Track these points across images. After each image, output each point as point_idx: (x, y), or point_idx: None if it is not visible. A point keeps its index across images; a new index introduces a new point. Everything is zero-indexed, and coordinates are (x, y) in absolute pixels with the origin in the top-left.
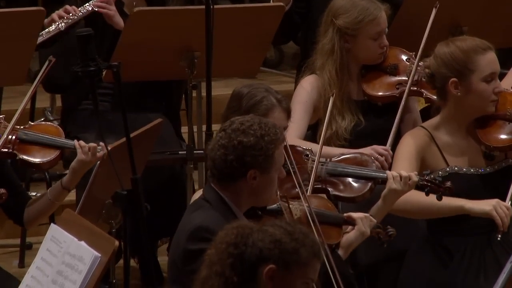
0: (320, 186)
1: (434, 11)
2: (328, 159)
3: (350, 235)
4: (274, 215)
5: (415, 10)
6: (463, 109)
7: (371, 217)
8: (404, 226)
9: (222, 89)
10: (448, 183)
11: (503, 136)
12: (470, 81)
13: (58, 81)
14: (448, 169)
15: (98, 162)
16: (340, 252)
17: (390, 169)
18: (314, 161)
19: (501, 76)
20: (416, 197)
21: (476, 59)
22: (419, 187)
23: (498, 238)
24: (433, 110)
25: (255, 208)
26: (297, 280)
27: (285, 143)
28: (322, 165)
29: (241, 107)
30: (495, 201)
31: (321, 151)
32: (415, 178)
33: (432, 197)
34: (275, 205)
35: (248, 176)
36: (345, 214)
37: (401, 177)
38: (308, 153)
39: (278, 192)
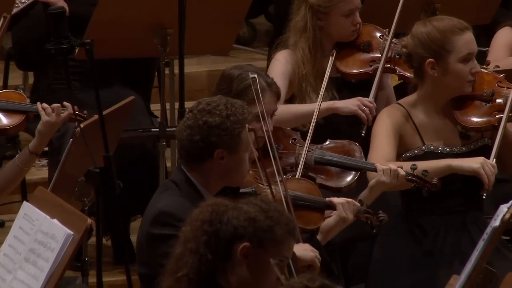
0: (307, 173)
1: None
2: (319, 146)
3: (330, 220)
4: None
5: None
6: (440, 89)
7: (354, 201)
8: (376, 205)
9: (194, 67)
10: (435, 180)
11: (479, 117)
12: (447, 62)
13: (30, 57)
14: (424, 147)
15: (71, 140)
16: (319, 237)
17: (370, 135)
18: (302, 146)
19: (478, 53)
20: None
21: (453, 40)
22: (406, 181)
23: (484, 196)
24: (410, 88)
25: (227, 192)
26: (271, 257)
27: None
28: (309, 152)
29: (231, 90)
30: (482, 159)
31: (310, 139)
32: (402, 172)
33: (420, 164)
34: (250, 188)
35: (215, 156)
36: (326, 199)
37: (390, 170)
38: (295, 137)
39: (253, 175)
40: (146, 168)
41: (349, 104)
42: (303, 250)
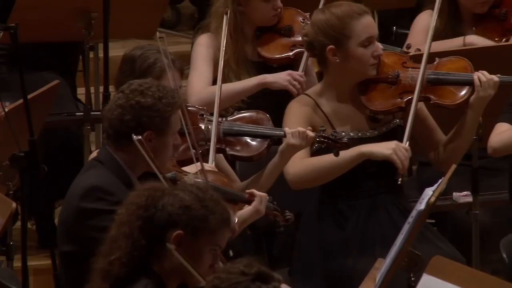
0: (217, 146)
1: None
2: (224, 118)
3: (245, 212)
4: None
5: None
6: (344, 74)
7: (266, 195)
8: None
9: (119, 50)
10: (345, 139)
11: (385, 99)
12: (347, 47)
13: None
14: (335, 134)
15: None
16: None
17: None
18: (210, 120)
19: (402, 36)
20: (315, 163)
21: (351, 25)
22: (316, 143)
23: (399, 182)
24: (317, 77)
25: (148, 176)
26: (204, 246)
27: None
28: (218, 124)
29: (135, 71)
30: (394, 144)
31: (218, 112)
32: (311, 134)
33: (329, 156)
34: (170, 173)
35: (144, 138)
36: (247, 191)
37: (299, 132)
38: (203, 112)
39: (172, 162)
40: (71, 152)
41: (280, 79)
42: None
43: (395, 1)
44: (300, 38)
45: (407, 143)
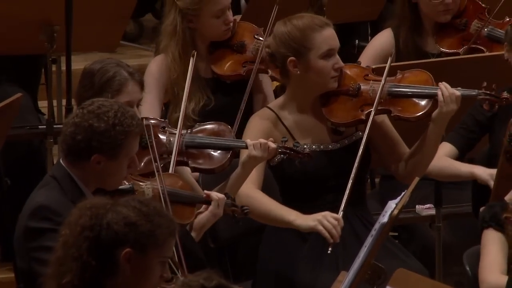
0: (179, 159)
1: None
2: (188, 131)
3: (202, 217)
4: (126, 194)
5: None
6: (305, 87)
7: (225, 197)
8: None
9: (81, 63)
10: (307, 150)
11: (346, 112)
12: (308, 59)
13: None
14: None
15: None
16: (193, 234)
17: None
18: (172, 133)
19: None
20: (257, 202)
21: (312, 37)
22: (278, 154)
23: (329, 251)
24: (278, 90)
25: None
26: (153, 260)
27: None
28: (180, 137)
29: (94, 85)
30: (321, 215)
31: (181, 125)
32: (273, 145)
33: (271, 205)
34: (128, 184)
35: (92, 160)
36: (205, 192)
37: (260, 144)
38: (164, 125)
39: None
40: (33, 165)
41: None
42: None
43: (357, 14)
44: (252, 55)
45: (341, 213)
